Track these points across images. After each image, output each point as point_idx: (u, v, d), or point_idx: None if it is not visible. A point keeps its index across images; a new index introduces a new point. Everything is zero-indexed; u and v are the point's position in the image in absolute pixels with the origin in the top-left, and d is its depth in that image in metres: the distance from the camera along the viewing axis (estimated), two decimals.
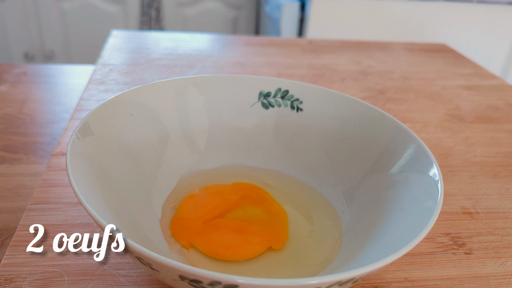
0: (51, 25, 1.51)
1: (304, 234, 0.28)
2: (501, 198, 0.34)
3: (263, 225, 0.28)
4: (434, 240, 0.29)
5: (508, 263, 0.28)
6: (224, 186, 0.31)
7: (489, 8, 1.13)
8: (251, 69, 0.56)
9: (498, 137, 0.43)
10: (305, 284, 0.17)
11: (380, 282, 0.26)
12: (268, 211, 0.29)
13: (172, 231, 0.27)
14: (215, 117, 0.34)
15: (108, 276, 0.25)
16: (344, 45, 0.68)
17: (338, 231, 0.28)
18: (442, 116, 0.47)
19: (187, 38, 0.66)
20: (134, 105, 0.30)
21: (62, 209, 0.30)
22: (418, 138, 0.28)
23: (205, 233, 0.27)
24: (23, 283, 0.24)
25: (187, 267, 0.17)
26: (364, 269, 0.18)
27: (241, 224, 0.28)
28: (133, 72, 0.53)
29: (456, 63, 0.64)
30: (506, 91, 0.55)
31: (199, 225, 0.27)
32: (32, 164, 0.39)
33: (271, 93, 0.34)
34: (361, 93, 0.51)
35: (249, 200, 0.30)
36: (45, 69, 0.60)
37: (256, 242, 0.26)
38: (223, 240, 0.26)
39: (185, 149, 0.33)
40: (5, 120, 0.46)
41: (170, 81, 0.32)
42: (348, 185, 0.30)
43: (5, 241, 0.31)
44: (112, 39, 0.64)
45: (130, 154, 0.29)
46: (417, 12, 1.12)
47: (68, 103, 0.50)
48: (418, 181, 0.26)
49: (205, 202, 0.29)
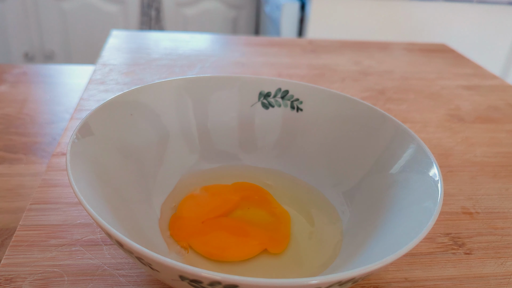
0: (51, 25, 1.51)
1: (304, 236, 0.28)
2: (501, 198, 0.34)
3: (265, 227, 0.28)
4: (434, 240, 0.29)
5: (508, 263, 0.28)
6: (225, 186, 0.31)
7: (489, 8, 1.13)
8: (251, 69, 0.56)
9: (498, 137, 0.43)
10: (305, 284, 0.17)
11: (380, 282, 0.26)
12: (272, 213, 0.29)
13: (171, 231, 0.27)
14: (215, 117, 0.34)
15: (108, 276, 0.25)
16: (344, 45, 0.68)
17: (339, 231, 0.28)
18: (442, 116, 0.47)
19: (187, 38, 0.66)
20: (134, 105, 0.30)
21: (62, 209, 0.30)
22: (418, 138, 0.28)
23: (202, 234, 0.27)
24: (23, 283, 0.24)
25: (187, 267, 0.17)
26: (364, 269, 0.18)
27: (240, 225, 0.28)
28: (133, 72, 0.53)
29: (456, 63, 0.64)
30: (506, 91, 0.55)
31: (197, 225, 0.27)
32: (32, 164, 0.39)
33: (271, 93, 0.34)
34: (361, 93, 0.51)
35: (251, 201, 0.30)
36: (45, 69, 0.60)
37: (252, 244, 0.26)
38: (218, 241, 0.26)
39: (185, 149, 0.33)
40: (5, 120, 0.46)
41: (170, 81, 0.32)
42: (348, 185, 0.30)
43: (5, 241, 0.31)
44: (112, 39, 0.64)
45: (130, 154, 0.29)
46: (417, 12, 1.12)
47: (68, 103, 0.50)
48: (418, 181, 0.26)
49: (205, 202, 0.29)
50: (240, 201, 0.29)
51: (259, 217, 0.29)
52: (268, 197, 0.30)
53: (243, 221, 0.28)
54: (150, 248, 0.20)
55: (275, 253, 0.26)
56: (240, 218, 0.28)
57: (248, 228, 0.27)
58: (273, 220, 0.28)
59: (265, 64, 0.58)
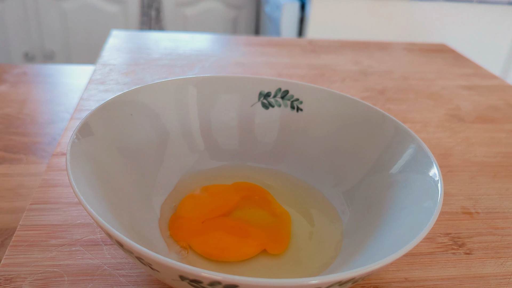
0: (51, 25, 1.51)
1: (304, 236, 0.28)
2: (501, 198, 0.34)
3: (265, 227, 0.28)
4: (434, 240, 0.29)
5: (508, 263, 0.28)
6: (225, 186, 0.31)
7: (489, 8, 1.13)
8: (251, 69, 0.56)
9: (498, 137, 0.43)
10: (305, 284, 0.17)
11: (380, 282, 0.26)
12: (272, 213, 0.29)
13: (170, 231, 0.27)
14: (215, 117, 0.34)
15: (108, 276, 0.25)
16: (344, 45, 0.68)
17: (338, 232, 0.28)
18: (442, 116, 0.47)
19: (187, 38, 0.66)
20: (134, 105, 0.30)
21: (62, 209, 0.30)
22: (418, 138, 0.28)
23: (202, 234, 0.27)
24: (23, 283, 0.24)
25: (187, 267, 0.17)
26: (364, 269, 0.18)
27: (240, 225, 0.28)
28: (133, 72, 0.53)
29: (456, 63, 0.64)
30: (506, 91, 0.55)
31: (197, 225, 0.27)
32: (32, 164, 0.39)
33: (271, 93, 0.34)
34: (361, 93, 0.51)
35: (252, 201, 0.30)
36: (45, 69, 0.60)
37: (251, 244, 0.26)
38: (218, 241, 0.26)
39: (185, 149, 0.33)
40: (5, 120, 0.46)
41: (170, 81, 0.32)
42: (348, 185, 0.30)
43: (5, 241, 0.31)
44: (112, 39, 0.64)
45: (130, 154, 0.29)
46: (417, 12, 1.12)
47: (68, 103, 0.50)
48: (418, 181, 0.26)
49: (205, 202, 0.29)
50: (240, 201, 0.29)
51: (260, 217, 0.28)
52: (269, 197, 0.30)
53: (243, 221, 0.28)
54: (150, 248, 0.21)
55: (276, 254, 0.26)
56: (240, 218, 0.28)
57: (248, 228, 0.27)
58: (274, 221, 0.28)
59: (265, 64, 0.58)
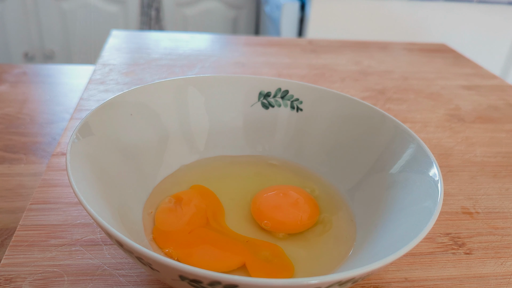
0: (51, 25, 1.51)
1: (304, 236, 0.28)
2: (501, 198, 0.34)
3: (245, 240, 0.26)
4: (434, 240, 0.29)
5: (508, 263, 0.28)
6: (189, 192, 0.30)
7: (489, 8, 1.13)
8: (251, 69, 0.56)
9: (498, 137, 0.43)
10: (305, 284, 0.17)
11: (380, 282, 0.26)
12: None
13: (158, 244, 0.26)
14: (215, 117, 0.34)
15: (108, 276, 0.25)
16: (344, 45, 0.68)
17: (339, 232, 0.28)
18: (442, 116, 0.47)
19: (187, 38, 0.66)
20: (134, 105, 0.30)
21: (62, 209, 0.30)
22: (418, 138, 0.28)
23: (188, 246, 0.25)
24: (23, 283, 0.24)
25: (187, 267, 0.17)
26: (364, 269, 0.18)
27: (221, 238, 0.26)
28: (133, 72, 0.53)
29: (456, 63, 0.64)
30: (506, 91, 0.55)
31: (184, 236, 0.26)
32: (32, 164, 0.39)
33: (271, 93, 0.34)
34: (361, 93, 0.51)
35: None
36: (45, 69, 0.60)
37: (233, 259, 0.25)
38: (201, 257, 0.25)
39: (185, 149, 0.33)
40: (5, 120, 0.46)
41: (170, 81, 0.32)
42: (348, 185, 0.30)
43: (5, 241, 0.31)
44: (112, 39, 0.64)
45: (130, 154, 0.29)
46: (417, 12, 1.12)
47: (68, 103, 0.50)
48: (418, 181, 0.26)
49: (180, 213, 0.28)
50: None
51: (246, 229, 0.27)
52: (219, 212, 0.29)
53: (223, 233, 0.27)
54: (150, 248, 0.20)
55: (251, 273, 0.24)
56: (219, 230, 0.27)
57: (229, 241, 0.26)
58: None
59: (265, 64, 0.58)
